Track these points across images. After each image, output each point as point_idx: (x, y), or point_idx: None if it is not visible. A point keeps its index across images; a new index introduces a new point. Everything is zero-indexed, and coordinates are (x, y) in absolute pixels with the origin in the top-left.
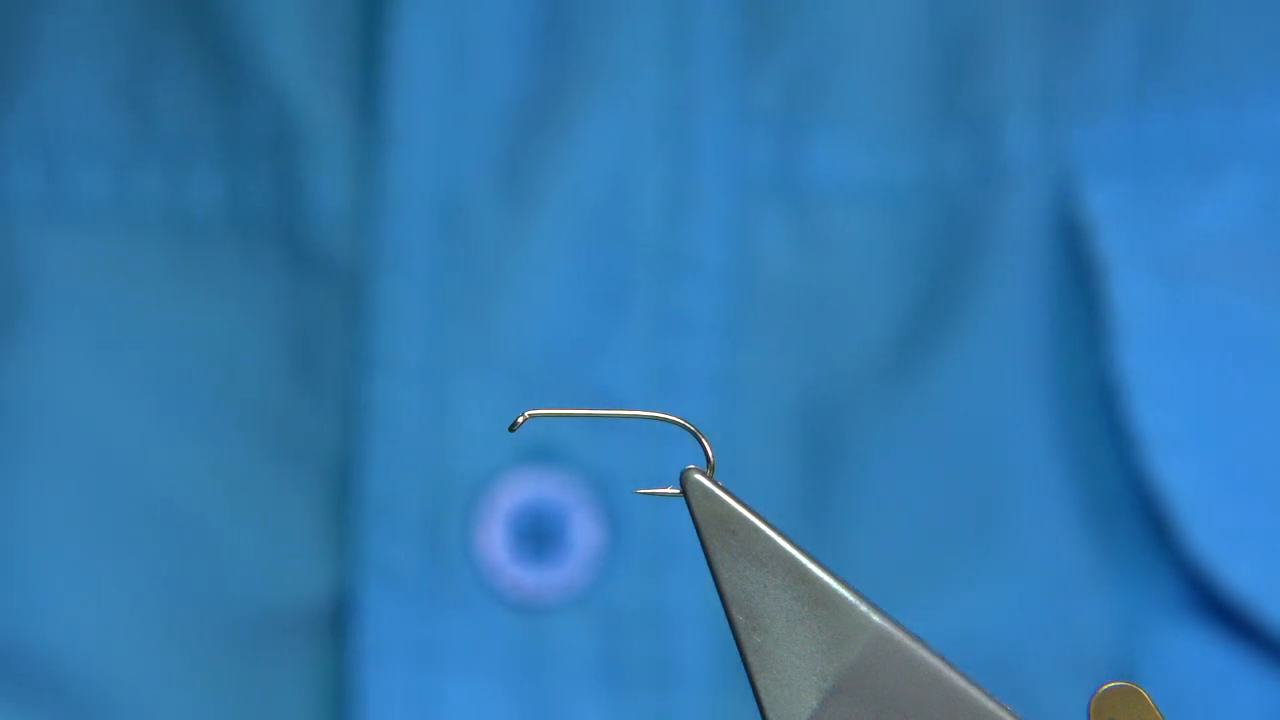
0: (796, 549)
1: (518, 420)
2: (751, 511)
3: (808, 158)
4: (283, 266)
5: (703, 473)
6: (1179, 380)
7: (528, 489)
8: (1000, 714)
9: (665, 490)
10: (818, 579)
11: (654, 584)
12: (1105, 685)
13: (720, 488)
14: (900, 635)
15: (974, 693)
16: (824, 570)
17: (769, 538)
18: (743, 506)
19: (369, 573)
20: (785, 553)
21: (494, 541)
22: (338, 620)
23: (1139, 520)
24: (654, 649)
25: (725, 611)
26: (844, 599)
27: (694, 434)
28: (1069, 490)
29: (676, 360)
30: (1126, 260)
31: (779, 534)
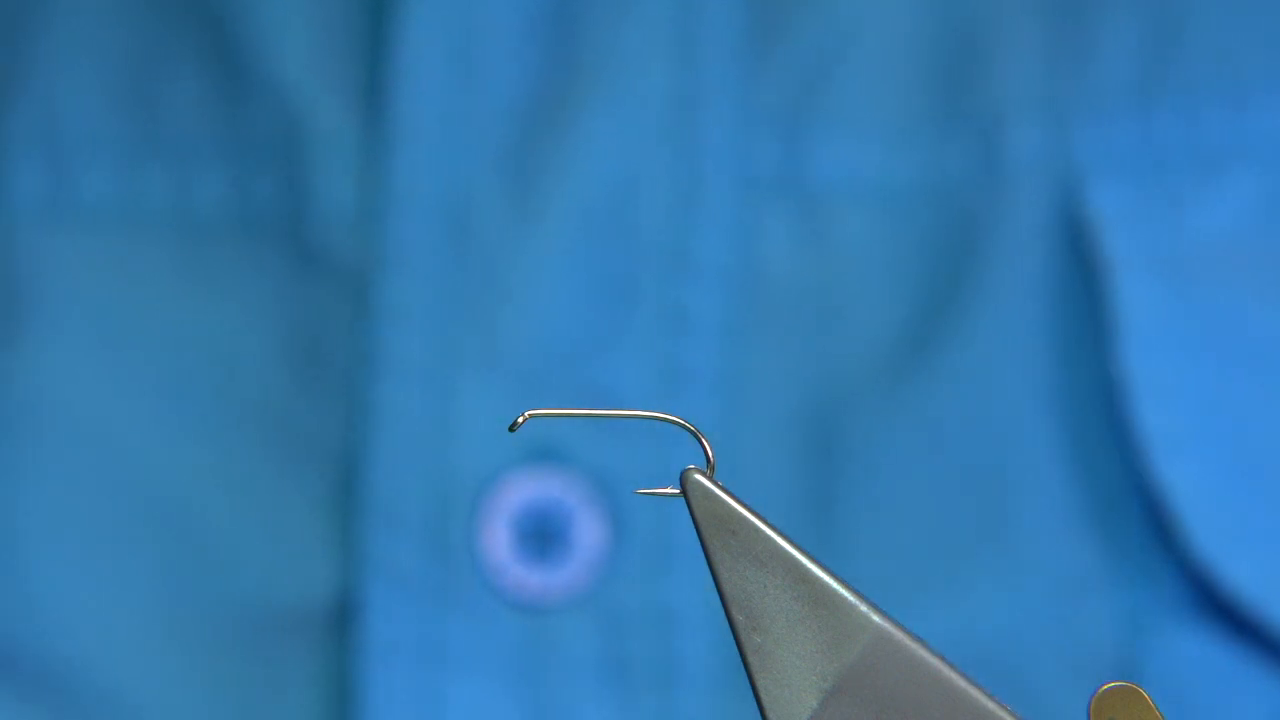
0: (796, 549)
1: (517, 420)
2: (751, 511)
3: (812, 157)
4: (287, 266)
5: (703, 473)
6: (1182, 380)
7: (531, 489)
8: (1000, 714)
9: (665, 490)
10: (818, 579)
11: (657, 584)
12: (1105, 685)
13: (720, 487)
14: (900, 635)
15: (974, 693)
16: (824, 570)
17: (769, 538)
18: (743, 506)
19: (373, 572)
20: (785, 553)
21: (498, 541)
22: (341, 620)
23: (1142, 520)
24: (657, 649)
25: (725, 611)
26: (844, 599)
27: (694, 434)
28: (1072, 490)
29: (681, 360)
30: (1130, 260)
31: (779, 534)
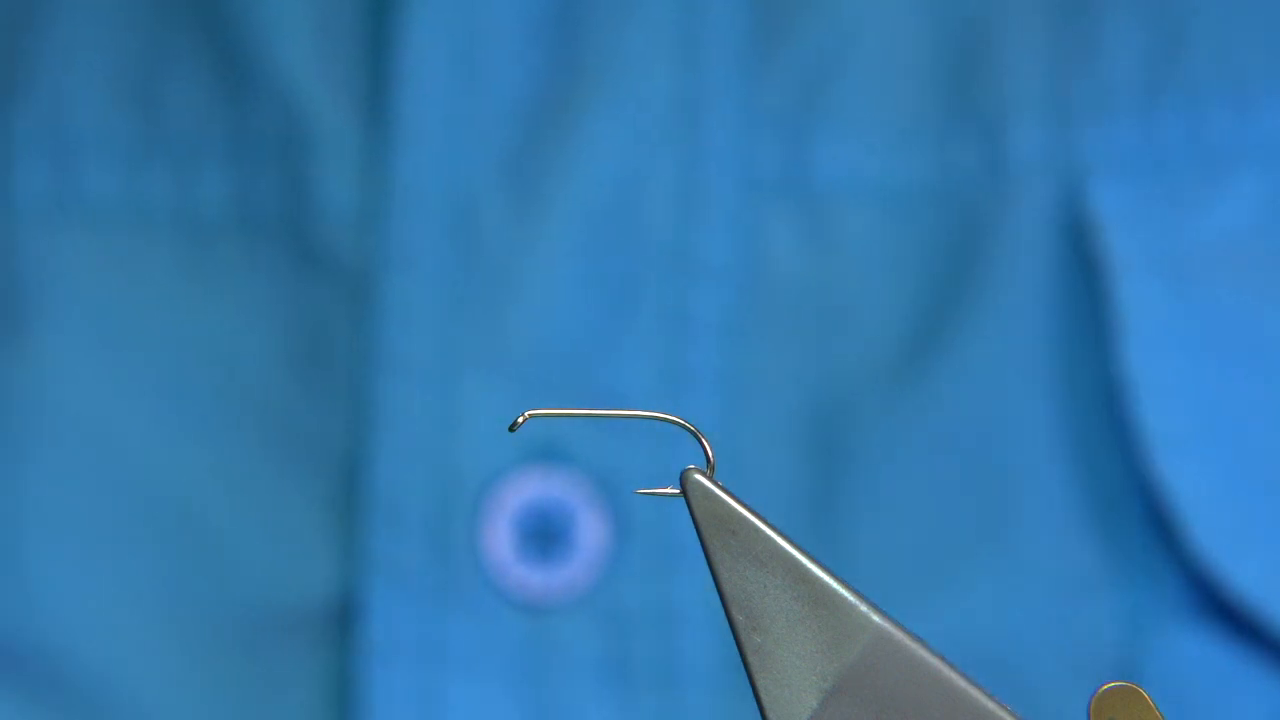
0: (796, 549)
1: (517, 420)
2: (751, 511)
3: (815, 159)
4: (290, 267)
5: (703, 473)
6: (1185, 381)
7: (533, 489)
8: (1000, 714)
9: (665, 490)
10: (818, 579)
11: (658, 584)
12: (1105, 685)
13: (720, 487)
14: (900, 635)
15: (974, 693)
16: (824, 570)
17: (769, 538)
18: (743, 506)
19: (374, 572)
20: (785, 553)
21: (499, 541)
22: (343, 619)
23: (1143, 521)
24: (658, 649)
25: (725, 611)
26: (844, 599)
27: (694, 434)
28: (1074, 490)
29: (684, 360)
30: (1133, 261)
31: (779, 534)
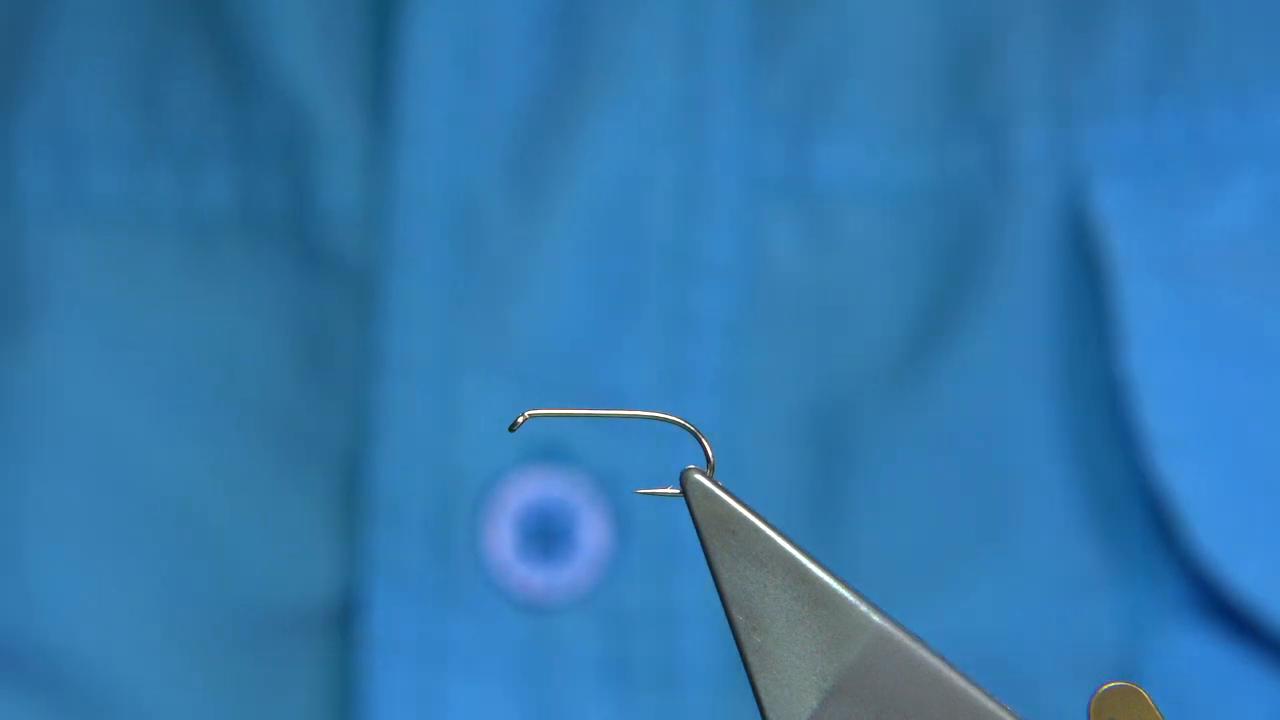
0: (796, 549)
1: (517, 420)
2: (751, 511)
3: (818, 158)
4: (293, 267)
5: (703, 473)
6: (1186, 381)
7: (535, 489)
8: (1000, 714)
9: (665, 490)
10: (818, 579)
11: (659, 584)
12: (1105, 685)
13: (720, 487)
14: (900, 635)
15: (974, 693)
16: (824, 570)
17: (769, 538)
18: (743, 506)
19: (375, 572)
20: (785, 553)
21: (501, 541)
22: (344, 619)
23: (1144, 521)
24: (659, 649)
25: (725, 611)
26: (844, 599)
27: (694, 434)
28: (1074, 490)
29: (686, 360)
30: (1135, 260)
31: (779, 534)
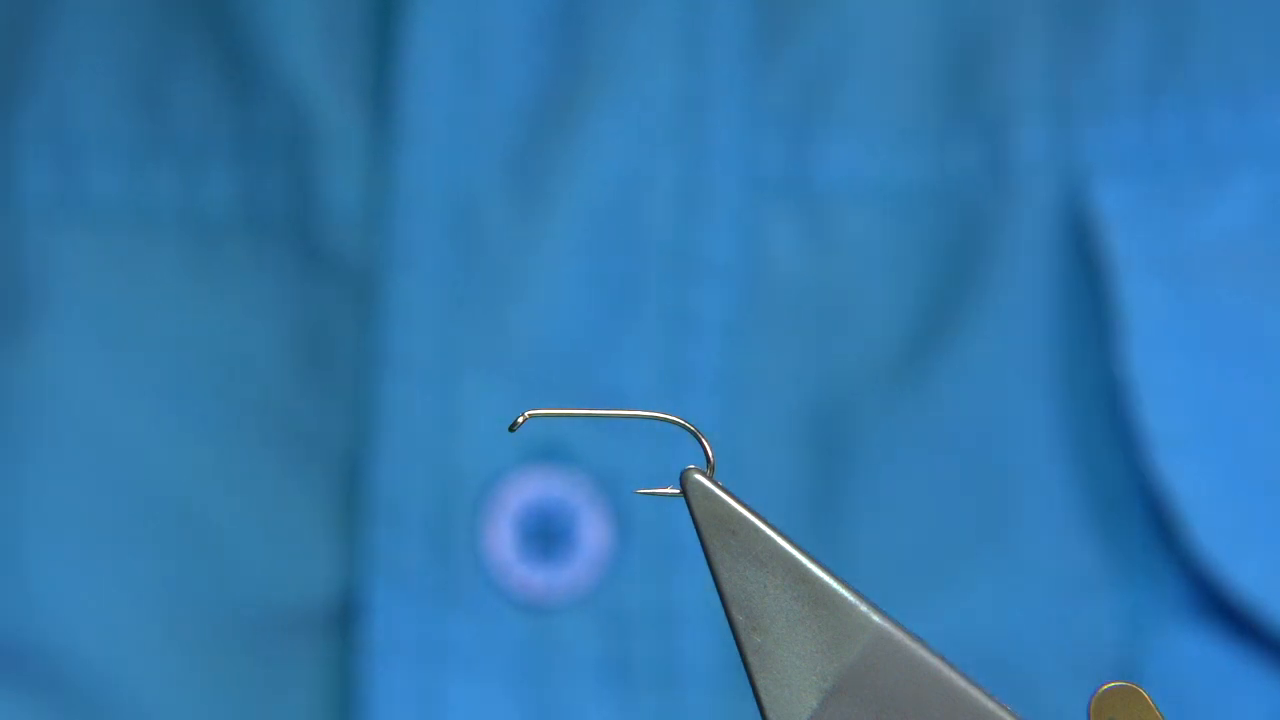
0: (796, 549)
1: (517, 420)
2: (751, 511)
3: (818, 158)
4: (295, 266)
5: (703, 473)
6: (1186, 381)
7: (535, 489)
8: (1000, 714)
9: (665, 490)
10: (818, 579)
11: (659, 584)
12: (1105, 685)
13: (720, 487)
14: (900, 635)
15: (974, 693)
16: (824, 570)
17: (769, 538)
18: (743, 506)
19: (376, 572)
20: (785, 553)
21: (501, 541)
22: (344, 619)
23: (1143, 520)
24: (659, 649)
25: (725, 611)
26: (844, 599)
27: (694, 434)
28: (1075, 490)
29: (686, 360)
30: (1135, 260)
31: (779, 534)
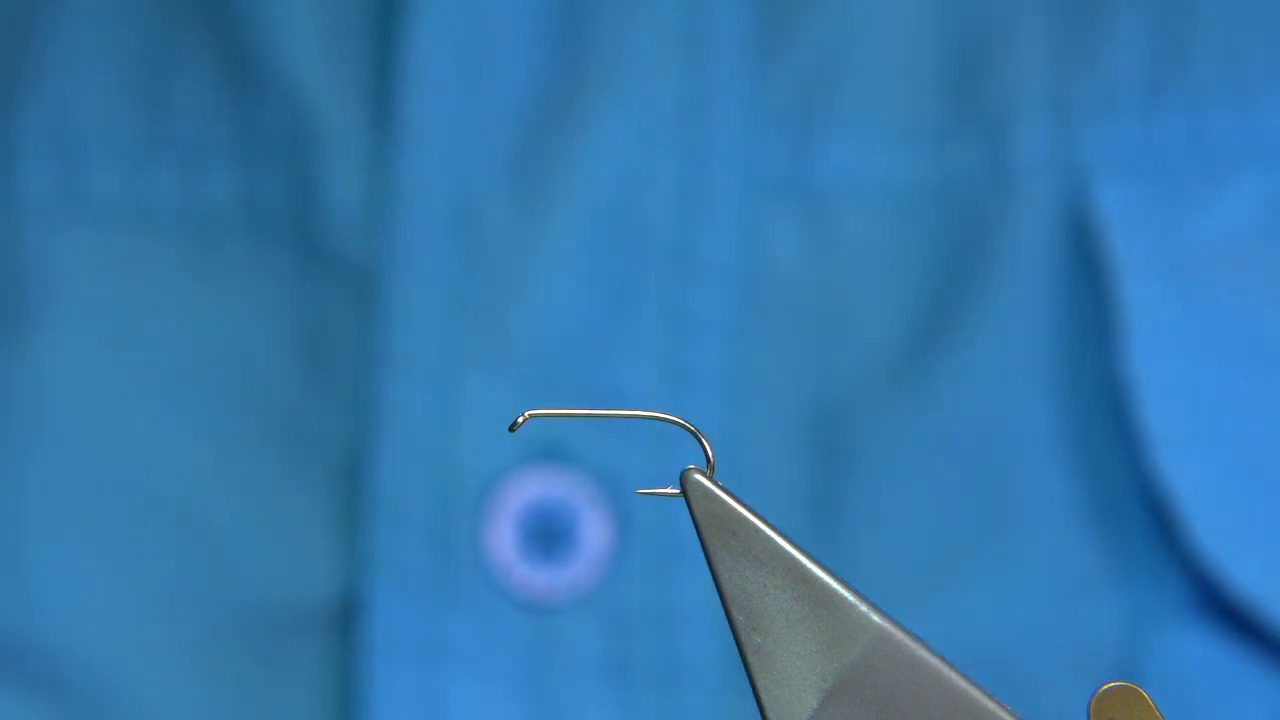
0: (796, 549)
1: (517, 420)
2: (751, 511)
3: (820, 158)
4: (296, 266)
5: (703, 473)
6: (1187, 381)
7: (536, 489)
8: (1000, 714)
9: (665, 490)
10: (818, 579)
11: (660, 584)
12: (1105, 685)
13: (720, 487)
14: (900, 635)
15: (974, 693)
16: (824, 570)
17: (769, 538)
18: (743, 506)
19: (377, 571)
20: (785, 553)
21: (502, 541)
22: (345, 619)
23: (1145, 521)
24: (660, 649)
25: (725, 611)
26: (844, 599)
27: (694, 434)
28: (1075, 490)
29: (687, 360)
30: (1136, 260)
31: (779, 534)
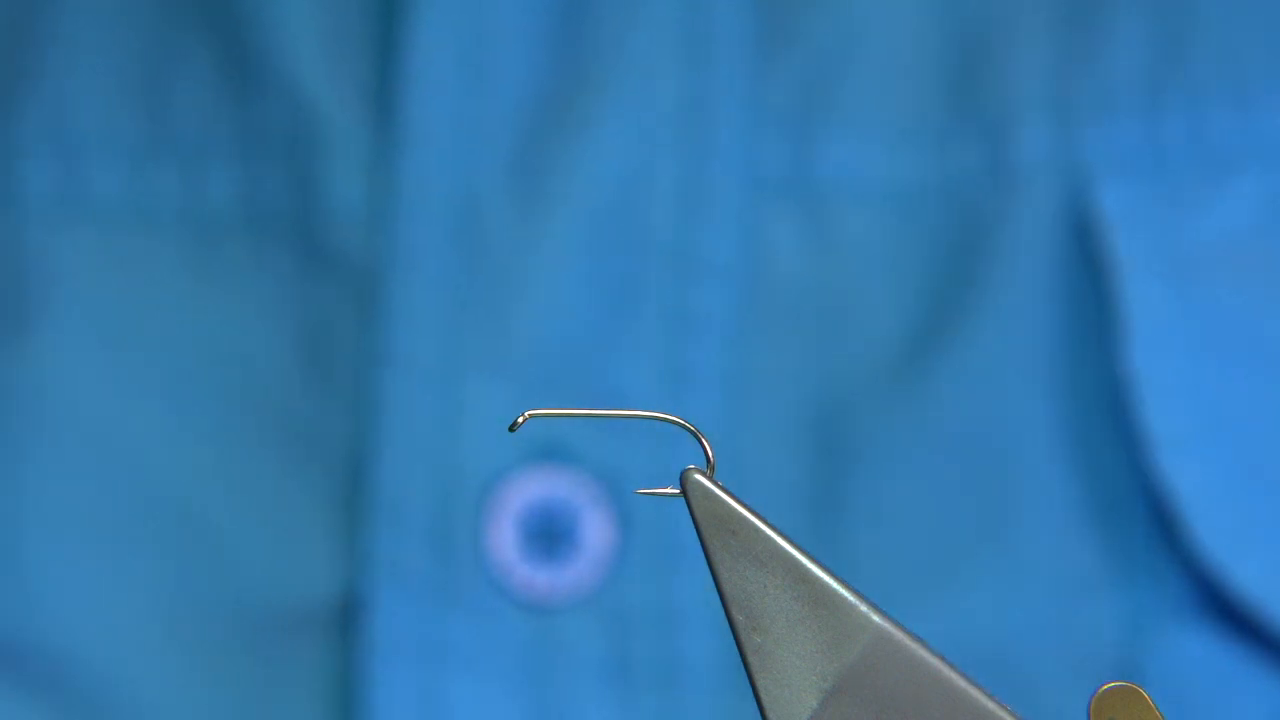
0: (796, 549)
1: (517, 420)
2: (751, 511)
3: (821, 158)
4: (297, 266)
5: (703, 473)
6: (1188, 381)
7: (537, 489)
8: (1000, 714)
9: (665, 490)
10: (818, 579)
11: (661, 584)
12: (1105, 685)
13: (720, 487)
14: (900, 635)
15: (974, 693)
16: (824, 570)
17: (769, 538)
18: (743, 506)
19: (378, 572)
20: (785, 553)
21: (503, 541)
22: (346, 619)
23: (1145, 520)
24: (661, 649)
25: (725, 611)
26: (844, 599)
27: (693, 434)
28: (1076, 490)
29: (687, 360)
30: (1137, 261)
31: (779, 534)
